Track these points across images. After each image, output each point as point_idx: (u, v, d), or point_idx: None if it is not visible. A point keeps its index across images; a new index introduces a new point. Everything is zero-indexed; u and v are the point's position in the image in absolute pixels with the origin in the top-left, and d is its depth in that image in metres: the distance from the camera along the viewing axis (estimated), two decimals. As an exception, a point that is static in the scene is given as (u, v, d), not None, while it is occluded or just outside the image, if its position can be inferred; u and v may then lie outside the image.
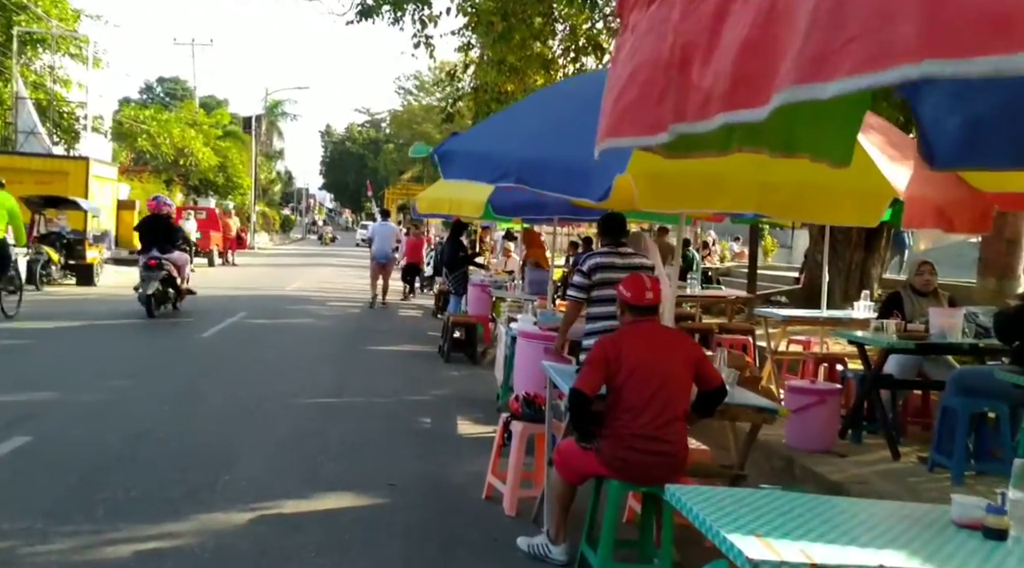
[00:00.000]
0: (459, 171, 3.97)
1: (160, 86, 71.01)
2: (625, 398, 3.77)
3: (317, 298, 17.37)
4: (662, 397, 3.75)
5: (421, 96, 64.69)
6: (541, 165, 3.67)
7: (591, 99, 4.23)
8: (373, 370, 9.34)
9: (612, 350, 3.80)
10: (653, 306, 3.91)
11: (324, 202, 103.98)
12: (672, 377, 3.79)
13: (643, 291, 3.92)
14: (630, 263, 5.55)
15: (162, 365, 8.87)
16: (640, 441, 3.73)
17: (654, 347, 3.82)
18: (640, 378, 3.74)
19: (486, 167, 3.81)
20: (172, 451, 5.64)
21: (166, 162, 35.96)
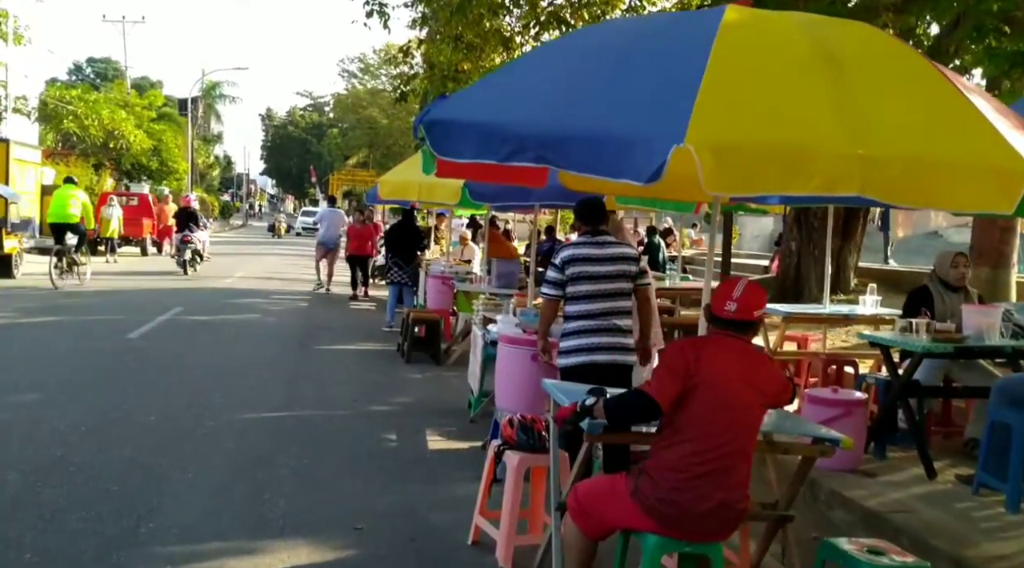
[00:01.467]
0: (456, 146, 3.04)
1: (90, 67, 67.70)
2: (690, 423, 2.98)
3: (261, 290, 16.19)
4: (736, 430, 2.97)
5: (366, 79, 63.03)
6: (566, 137, 2.78)
7: (629, 50, 3.39)
8: (327, 376, 8.35)
9: (692, 357, 3.00)
10: (740, 322, 3.11)
11: (266, 188, 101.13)
12: (750, 409, 3.03)
13: (725, 299, 3.10)
14: (610, 253, 4.76)
15: (79, 373, 7.74)
16: (699, 484, 2.94)
17: (739, 368, 3.04)
18: (715, 400, 2.96)
19: (493, 141, 2.90)
20: (86, 491, 4.62)
21: (95, 145, 33.89)
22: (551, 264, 4.87)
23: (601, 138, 2.67)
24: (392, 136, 57.07)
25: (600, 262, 4.77)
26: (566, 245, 4.93)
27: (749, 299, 3.11)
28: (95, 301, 13.31)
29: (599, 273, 4.77)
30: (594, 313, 4.75)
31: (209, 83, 60.10)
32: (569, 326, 4.80)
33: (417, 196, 6.65)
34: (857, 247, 12.81)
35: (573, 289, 4.75)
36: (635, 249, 5.03)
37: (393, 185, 7.36)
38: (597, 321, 4.75)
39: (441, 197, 6.41)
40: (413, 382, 8.42)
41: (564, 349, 4.81)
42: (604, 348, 4.75)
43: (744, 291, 3.13)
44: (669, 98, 2.64)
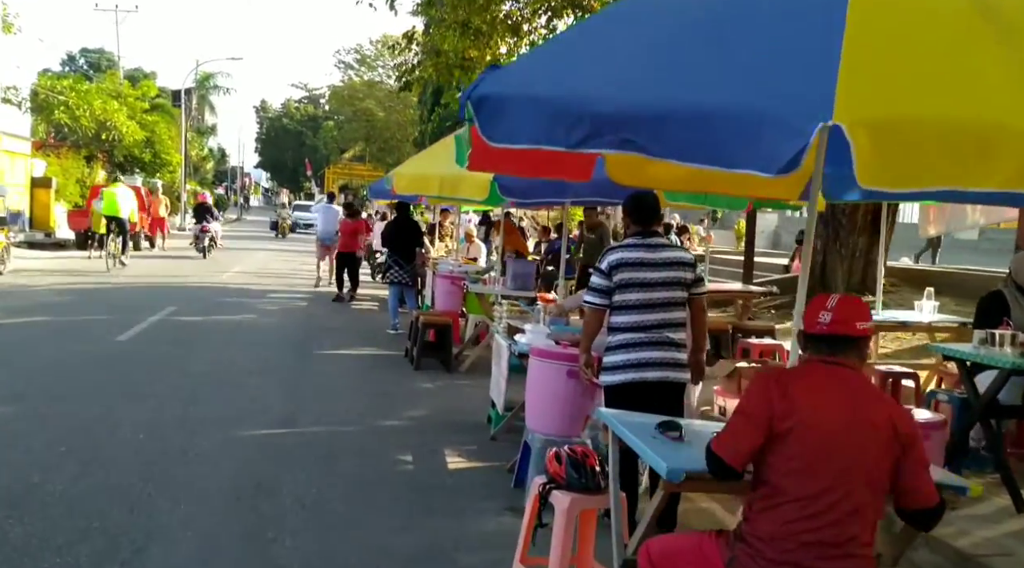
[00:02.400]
0: (512, 128, 2.41)
1: (83, 57, 66.78)
2: (788, 479, 2.39)
3: (257, 288, 15.54)
4: (850, 485, 2.37)
5: (363, 71, 62.25)
6: (662, 117, 2.17)
7: (734, 8, 2.76)
8: (331, 385, 7.74)
9: (778, 395, 2.40)
10: (838, 337, 2.50)
11: (260, 181, 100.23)
12: (865, 455, 2.40)
13: (817, 311, 2.51)
14: (664, 258, 4.18)
15: (62, 382, 7.11)
16: (807, 553, 2.34)
17: (844, 402, 2.42)
18: (816, 447, 2.37)
19: (561, 122, 2.29)
20: (62, 528, 4.00)
21: (87, 137, 33.11)
22: (595, 269, 4.28)
23: (712, 118, 2.07)
24: (389, 129, 56.33)
25: (653, 267, 4.19)
26: (613, 248, 4.33)
27: (846, 309, 2.51)
28: (84, 300, 12.67)
29: (651, 280, 4.18)
30: (645, 325, 4.17)
31: (203, 74, 59.19)
32: (615, 339, 4.22)
33: (438, 190, 5.96)
34: (886, 245, 12.20)
35: (621, 297, 4.17)
36: (691, 254, 4.43)
37: (410, 178, 6.69)
38: (648, 334, 4.17)
39: (466, 192, 5.75)
40: (424, 392, 7.82)
41: (609, 365, 4.22)
42: (655, 364, 4.17)
43: (840, 301, 2.54)
44: (800, 65, 2.04)
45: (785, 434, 2.39)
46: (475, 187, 5.44)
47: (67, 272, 16.48)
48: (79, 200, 27.82)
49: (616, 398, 4.21)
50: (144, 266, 18.81)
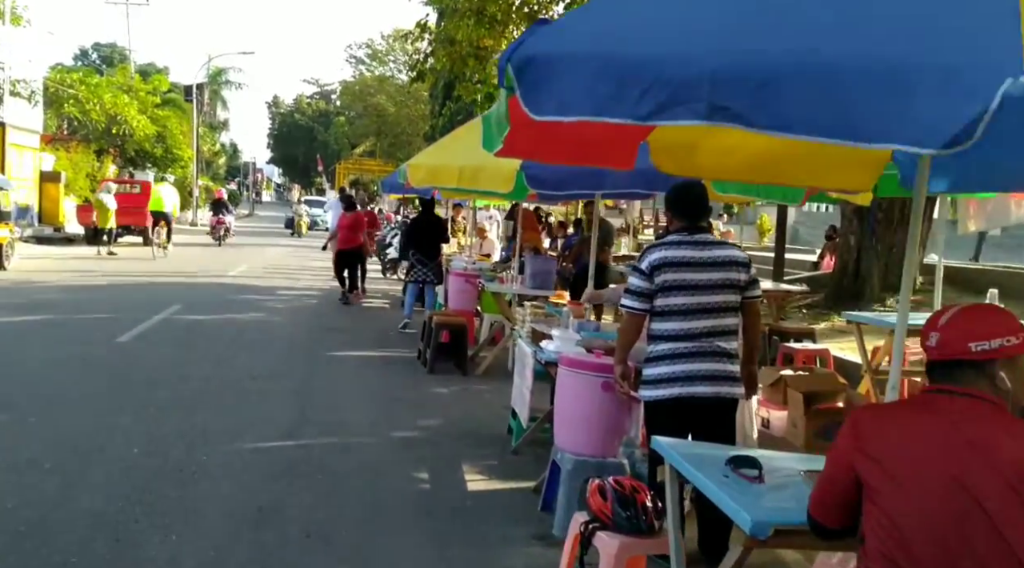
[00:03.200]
0: (567, 97, 1.88)
1: (96, 52, 66.72)
2: (890, 533, 1.87)
3: (265, 286, 15.11)
4: (970, 544, 1.83)
5: (374, 66, 61.89)
6: (773, 76, 1.66)
7: None
8: (340, 390, 7.27)
9: (857, 442, 1.94)
10: (947, 363, 1.97)
11: (272, 177, 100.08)
12: (993, 510, 1.84)
13: (928, 331, 2.00)
14: (714, 257, 3.68)
15: (56, 387, 6.68)
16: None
17: (952, 451, 1.86)
18: (918, 497, 1.84)
19: (630, 87, 1.77)
20: (33, 561, 3.55)
21: (97, 131, 32.82)
22: (635, 269, 3.79)
23: (844, 77, 1.57)
24: (400, 124, 55.96)
25: (701, 268, 3.69)
26: (655, 245, 3.83)
27: (960, 324, 1.96)
28: (88, 298, 12.27)
29: (700, 282, 3.69)
30: (693, 333, 3.67)
31: (215, 69, 58.98)
32: (658, 348, 3.72)
33: (457, 182, 5.40)
34: (924, 242, 11.64)
35: (665, 302, 3.68)
36: (743, 252, 3.92)
37: (427, 170, 6.11)
38: (696, 343, 3.67)
39: (488, 184, 5.20)
40: (439, 398, 7.34)
41: (651, 378, 3.73)
42: (704, 377, 3.68)
43: (956, 315, 2.00)
44: (967, 5, 1.53)
45: (877, 489, 1.89)
46: (499, 178, 4.90)
47: (73, 269, 16.12)
48: (89, 194, 27.51)
49: (659, 415, 3.73)
50: (151, 263, 18.42)
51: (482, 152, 4.98)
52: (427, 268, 10.75)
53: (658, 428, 3.80)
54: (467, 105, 34.96)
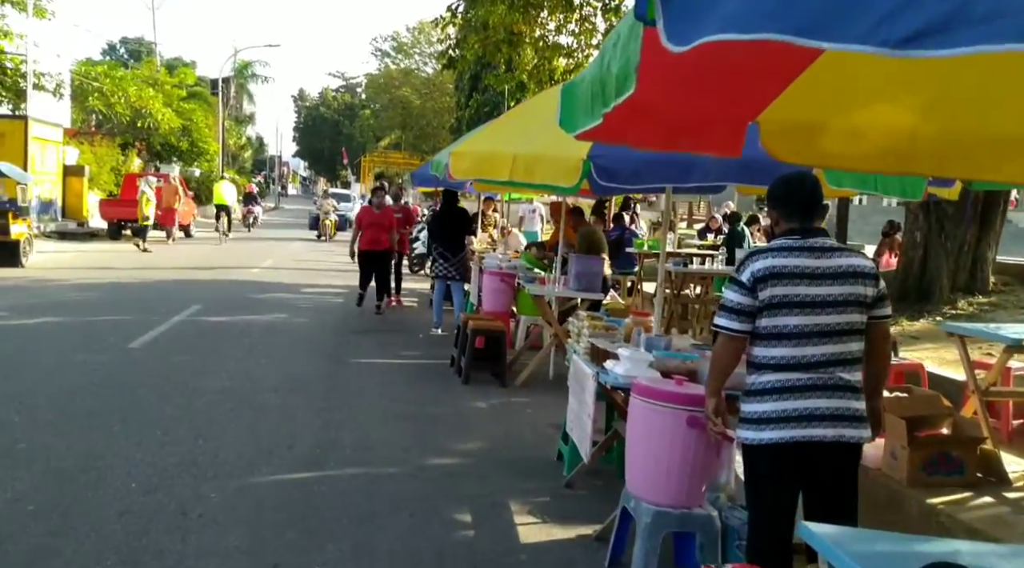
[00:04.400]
0: (745, 8, 1.19)
1: (123, 47, 66.84)
2: None
3: (290, 283, 14.48)
4: None
5: (399, 58, 61.37)
6: None
7: None
8: (368, 406, 6.56)
9: None
10: None
11: (298, 170, 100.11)
12: None
13: None
14: (834, 267, 2.92)
15: (57, 402, 6.04)
16: None
17: None
18: None
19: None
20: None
21: (122, 124, 32.49)
22: (732, 281, 3.02)
23: None
24: (425, 116, 55.39)
25: (819, 281, 2.93)
26: (758, 252, 3.06)
27: None
28: (104, 297, 11.71)
29: (818, 298, 2.93)
30: (810, 361, 2.92)
31: (241, 63, 58.76)
32: (765, 380, 2.97)
33: (509, 173, 4.46)
34: (997, 238, 10.71)
35: (773, 322, 2.92)
36: (870, 260, 3.13)
37: (474, 159, 5.05)
38: (814, 374, 2.92)
39: (547, 176, 4.30)
40: (477, 415, 6.62)
41: (754, 416, 2.97)
42: (825, 417, 2.92)
43: None
44: None
45: None
46: (561, 169, 4.05)
47: (92, 265, 15.63)
48: (114, 188, 27.12)
49: (764, 462, 2.99)
50: (172, 258, 17.89)
51: (541, 139, 4.26)
52: (449, 263, 10.12)
53: (761, 478, 3.06)
54: (493, 96, 34.31)
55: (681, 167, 3.75)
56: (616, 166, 4.02)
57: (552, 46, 14.18)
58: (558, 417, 6.46)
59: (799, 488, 3.07)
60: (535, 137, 4.08)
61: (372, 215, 11.26)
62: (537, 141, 4.09)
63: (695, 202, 26.82)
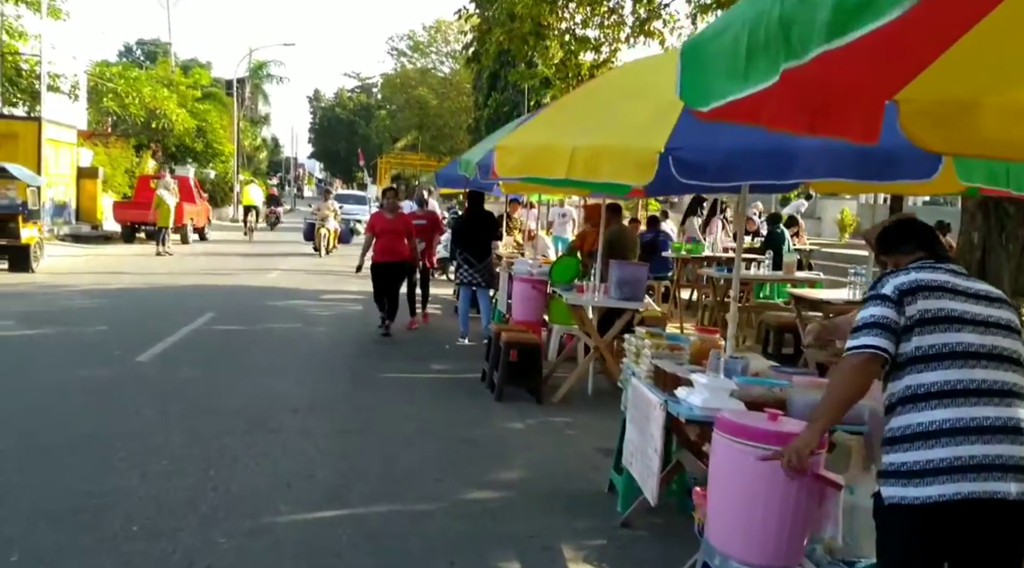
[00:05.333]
0: None
1: (139, 48, 66.86)
2: None
3: (307, 289, 13.96)
4: None
5: (416, 58, 61.00)
6: None
7: None
8: (395, 428, 5.99)
9: None
10: None
11: (313, 172, 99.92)
12: None
13: None
14: (979, 290, 2.47)
15: (51, 427, 5.50)
16: None
17: None
18: None
19: None
20: None
21: (136, 125, 32.20)
22: (870, 299, 2.45)
23: None
24: (442, 117, 54.95)
25: (974, 300, 2.38)
26: (888, 273, 2.50)
27: None
28: (114, 304, 11.23)
29: (978, 316, 2.38)
30: (981, 388, 2.33)
31: (256, 63, 58.45)
32: (920, 419, 2.36)
33: (567, 170, 3.68)
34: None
35: (930, 339, 2.37)
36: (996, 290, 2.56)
37: (525, 154, 4.15)
38: (990, 407, 2.32)
39: (613, 171, 3.42)
40: (514, 437, 6.04)
41: (915, 466, 2.35)
42: (1008, 467, 2.29)
43: None
44: None
45: None
46: (631, 163, 3.33)
47: (104, 270, 15.18)
48: (128, 190, 26.77)
49: (914, 526, 2.37)
50: (193, 259, 17.43)
51: (604, 129, 3.65)
52: (474, 269, 9.59)
53: (904, 547, 2.43)
54: (513, 95, 33.73)
55: (782, 159, 3.13)
56: (702, 159, 3.35)
57: (580, 39, 13.56)
58: (602, 440, 5.89)
59: (942, 561, 2.46)
60: (596, 127, 3.47)
61: (384, 221, 9.67)
62: (599, 131, 3.47)
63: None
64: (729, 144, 3.16)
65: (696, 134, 3.19)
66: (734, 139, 3.09)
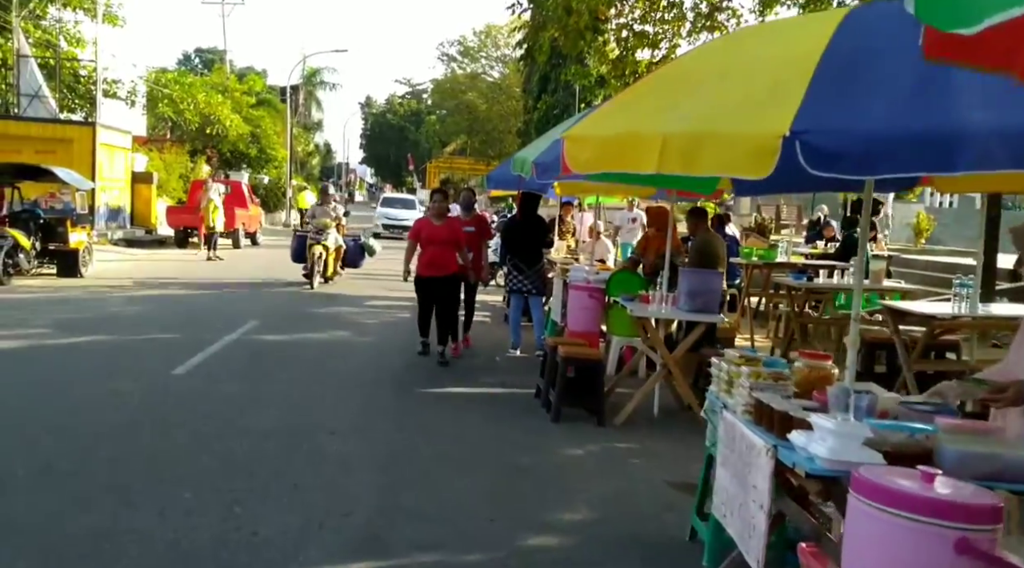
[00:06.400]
0: None
1: (197, 56, 68.11)
2: None
3: (353, 294, 13.51)
4: None
5: (466, 63, 60.84)
6: None
7: None
8: (441, 455, 5.40)
9: None
10: None
11: (364, 177, 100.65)
12: None
13: None
14: None
15: (73, 451, 5.04)
16: None
17: None
18: None
19: None
20: None
21: (191, 131, 32.47)
22: None
23: None
24: (492, 121, 54.60)
25: None
26: None
27: None
28: (158, 311, 10.91)
29: None
30: None
31: (310, 70, 58.92)
32: None
33: (658, 163, 2.89)
34: None
35: None
36: None
37: (601, 145, 3.37)
38: None
39: (719, 162, 2.53)
40: (574, 467, 5.39)
41: None
42: None
43: None
44: None
45: None
46: (744, 151, 2.41)
47: (152, 275, 14.98)
48: (182, 195, 26.85)
49: None
50: (242, 264, 17.18)
51: (709, 110, 2.93)
52: (524, 275, 9.01)
53: None
54: (564, 98, 33.04)
55: (945, 145, 2.42)
56: (838, 146, 2.56)
57: (638, 34, 12.87)
58: (674, 471, 5.23)
59: None
60: (693, 110, 2.79)
61: (431, 228, 8.19)
62: (697, 115, 2.78)
63: (787, 206, 24.89)
64: (872, 127, 2.44)
65: (829, 114, 2.50)
66: (879, 119, 2.40)
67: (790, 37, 3.02)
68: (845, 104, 2.41)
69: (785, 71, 2.48)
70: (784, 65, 2.56)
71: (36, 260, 13.46)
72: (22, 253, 12.88)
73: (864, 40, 2.87)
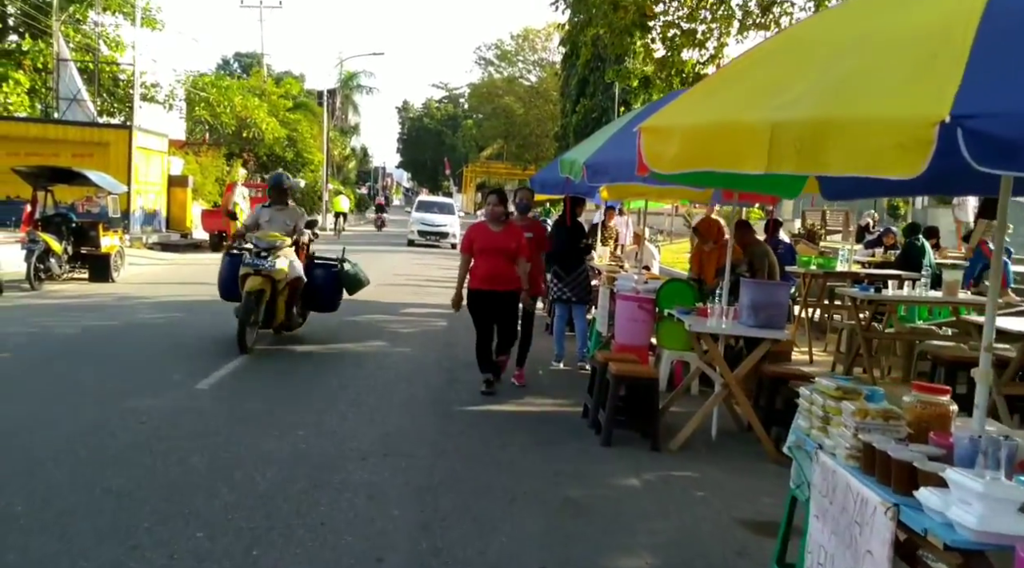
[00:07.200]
0: None
1: (236, 61, 68.75)
2: None
3: (389, 301, 13.07)
4: None
5: (503, 67, 60.49)
6: None
7: None
8: (484, 486, 4.87)
9: None
10: None
11: (401, 181, 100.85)
12: None
13: None
14: None
15: (76, 478, 4.60)
16: None
17: None
18: None
19: None
20: None
21: (228, 134, 32.50)
22: None
23: None
24: (528, 125, 54.10)
25: None
26: None
27: None
28: (187, 317, 10.57)
29: None
30: None
31: (347, 74, 59.09)
32: None
33: (767, 159, 2.21)
34: None
35: None
36: None
37: (690, 138, 2.67)
38: None
39: (855, 160, 1.83)
40: (630, 500, 4.83)
41: None
42: None
43: None
44: None
45: None
46: (889, 145, 1.81)
47: (184, 280, 14.72)
48: (218, 199, 26.78)
49: None
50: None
51: (833, 94, 2.27)
52: (564, 283, 8.51)
53: None
54: (602, 101, 32.40)
55: None
56: (1018, 133, 1.91)
57: (686, 33, 12.27)
58: (741, 507, 4.68)
59: None
60: (808, 94, 2.19)
61: (488, 235, 7.15)
62: (815, 101, 2.17)
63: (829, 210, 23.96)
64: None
65: (1001, 92, 1.92)
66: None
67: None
68: (1021, 79, 1.85)
69: (933, 39, 1.94)
70: (932, 32, 2.00)
71: (68, 265, 13.25)
72: (53, 258, 12.67)
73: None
